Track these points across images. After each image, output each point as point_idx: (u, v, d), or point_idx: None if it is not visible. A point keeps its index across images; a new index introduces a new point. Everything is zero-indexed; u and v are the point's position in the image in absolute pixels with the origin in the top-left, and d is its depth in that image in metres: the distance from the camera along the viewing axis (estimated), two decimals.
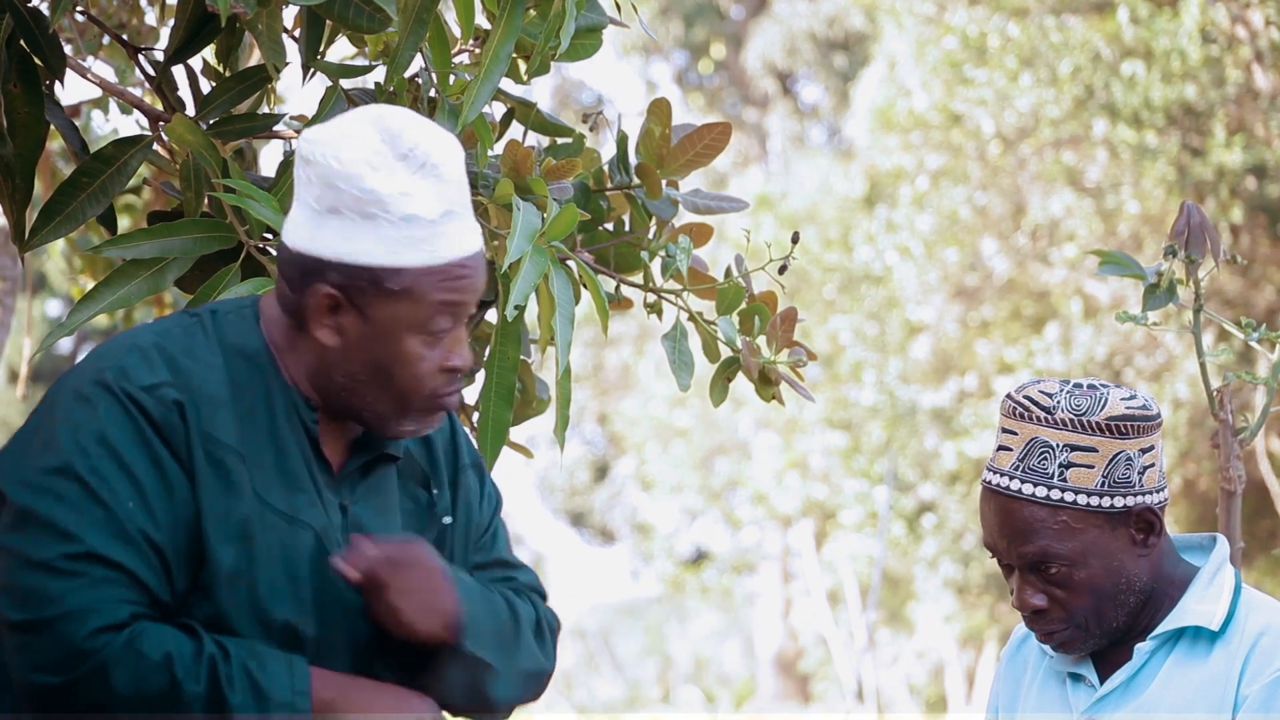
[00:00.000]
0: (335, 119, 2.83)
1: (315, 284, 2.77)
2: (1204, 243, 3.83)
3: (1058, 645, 3.19)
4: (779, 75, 28.79)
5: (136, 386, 2.74)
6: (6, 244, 5.53)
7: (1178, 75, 15.15)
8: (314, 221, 2.77)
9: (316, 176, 2.76)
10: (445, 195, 2.78)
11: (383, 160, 2.75)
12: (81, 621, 2.65)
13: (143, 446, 2.73)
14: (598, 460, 31.14)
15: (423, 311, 2.78)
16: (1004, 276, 17.60)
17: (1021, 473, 3.12)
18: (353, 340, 2.80)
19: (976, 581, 18.66)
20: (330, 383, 2.84)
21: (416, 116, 2.82)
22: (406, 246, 2.75)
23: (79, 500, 2.69)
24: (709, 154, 3.88)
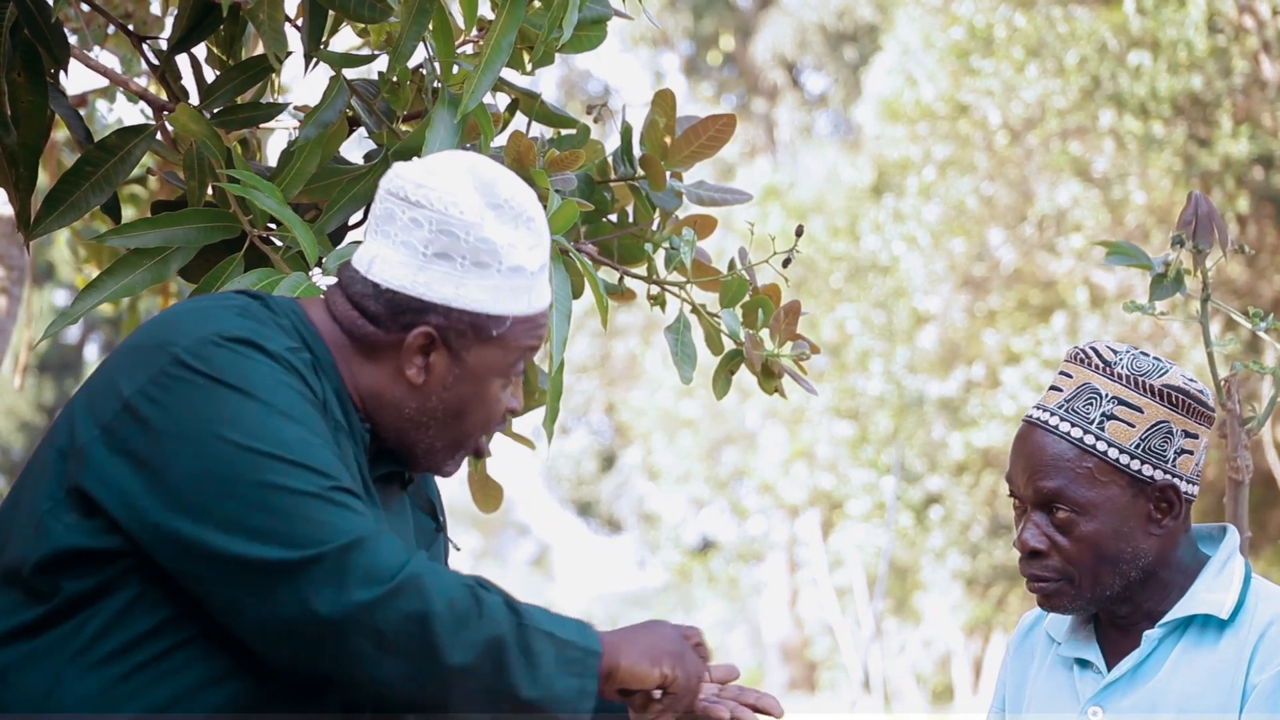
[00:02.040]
0: (429, 161, 2.86)
1: (414, 324, 2.82)
2: (1211, 232, 3.82)
3: (1045, 597, 3.19)
4: (787, 66, 28.79)
5: (283, 347, 2.76)
6: (12, 233, 5.53)
7: (1184, 65, 15.13)
8: (418, 264, 2.80)
9: (428, 220, 2.80)
10: (540, 251, 2.86)
11: (487, 211, 2.81)
12: (380, 538, 2.64)
13: (307, 401, 2.74)
14: (604, 450, 31.18)
15: (510, 357, 2.87)
16: (1011, 266, 17.60)
17: (1064, 411, 3.14)
18: (439, 380, 2.85)
19: (984, 572, 18.67)
20: (395, 414, 2.88)
21: (502, 167, 2.88)
22: (510, 296, 2.82)
23: (302, 437, 2.68)
24: (714, 145, 3.87)
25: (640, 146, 3.88)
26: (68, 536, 2.69)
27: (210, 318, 2.77)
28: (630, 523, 30.76)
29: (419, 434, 2.89)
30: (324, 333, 2.88)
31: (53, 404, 28.46)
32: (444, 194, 2.80)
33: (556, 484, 31.64)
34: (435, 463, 2.94)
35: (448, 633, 2.64)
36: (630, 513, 30.50)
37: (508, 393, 2.91)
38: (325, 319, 2.89)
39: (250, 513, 2.63)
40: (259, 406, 2.68)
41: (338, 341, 2.87)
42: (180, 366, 2.71)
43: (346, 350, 2.87)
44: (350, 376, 2.87)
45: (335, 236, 3.71)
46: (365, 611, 2.62)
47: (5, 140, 3.67)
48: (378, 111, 3.78)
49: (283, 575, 2.62)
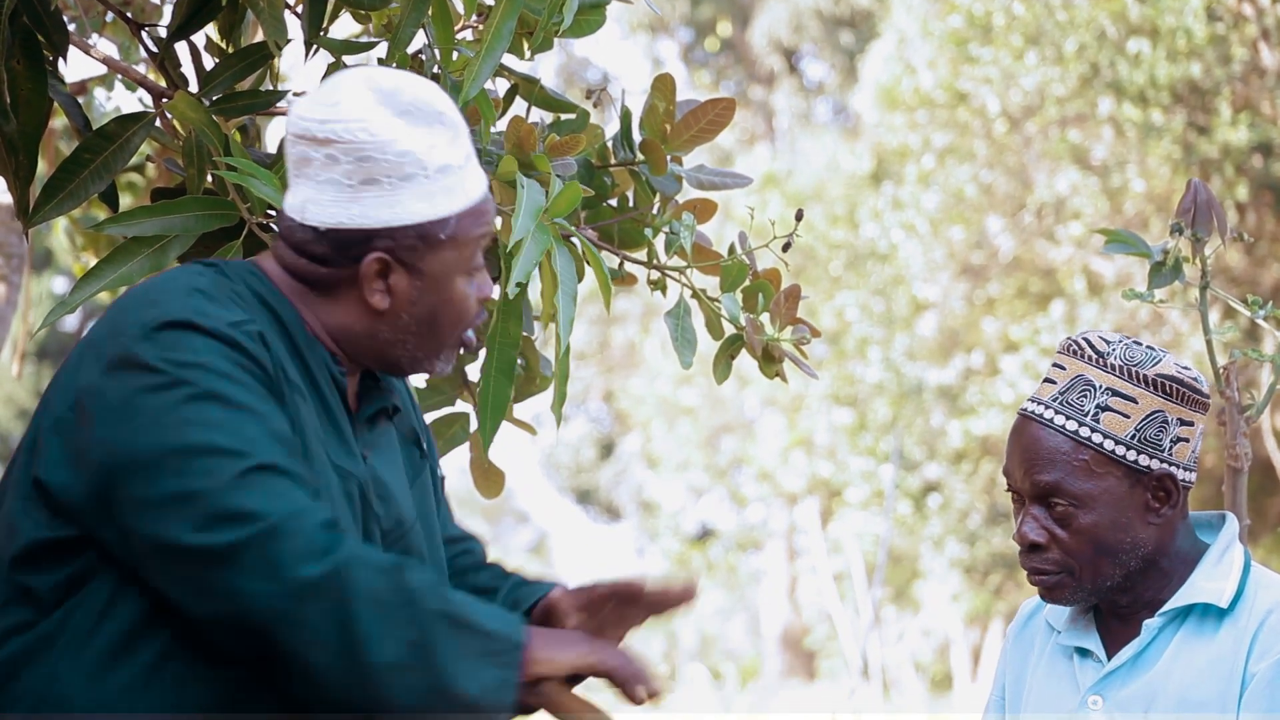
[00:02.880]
0: (322, 90, 2.84)
1: (363, 254, 2.81)
2: (1210, 220, 3.82)
3: (1046, 589, 3.19)
4: (785, 52, 28.77)
5: (225, 323, 2.73)
6: (11, 220, 5.53)
7: (1183, 53, 15.12)
8: (347, 197, 2.80)
9: (344, 153, 2.78)
10: (461, 140, 2.85)
11: (397, 122, 2.79)
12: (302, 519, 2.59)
13: (249, 375, 2.71)
14: (603, 438, 31.18)
15: (466, 252, 2.86)
16: (1009, 254, 17.60)
17: (1058, 404, 3.14)
18: (404, 298, 2.85)
19: (982, 560, 18.68)
20: (371, 340, 2.88)
21: (397, 72, 2.86)
22: (446, 196, 2.82)
23: (228, 418, 2.64)
24: (713, 129, 3.87)
25: (640, 131, 3.88)
26: (36, 530, 2.69)
27: (157, 301, 2.75)
28: (629, 510, 30.78)
29: (399, 350, 2.88)
30: (281, 285, 2.87)
31: None
32: (350, 122, 2.78)
33: (555, 471, 31.64)
34: (425, 367, 2.93)
35: (370, 624, 2.59)
36: (629, 500, 30.51)
37: (474, 285, 2.89)
38: (278, 271, 2.88)
39: (168, 502, 2.60)
40: (187, 391, 2.65)
41: (296, 289, 2.87)
42: (121, 358, 2.70)
43: (306, 296, 2.87)
44: (317, 322, 2.87)
45: None
46: (288, 598, 2.58)
47: (4, 128, 3.67)
48: None
49: (206, 564, 2.59)
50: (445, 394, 4.11)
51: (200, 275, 2.83)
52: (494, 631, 2.65)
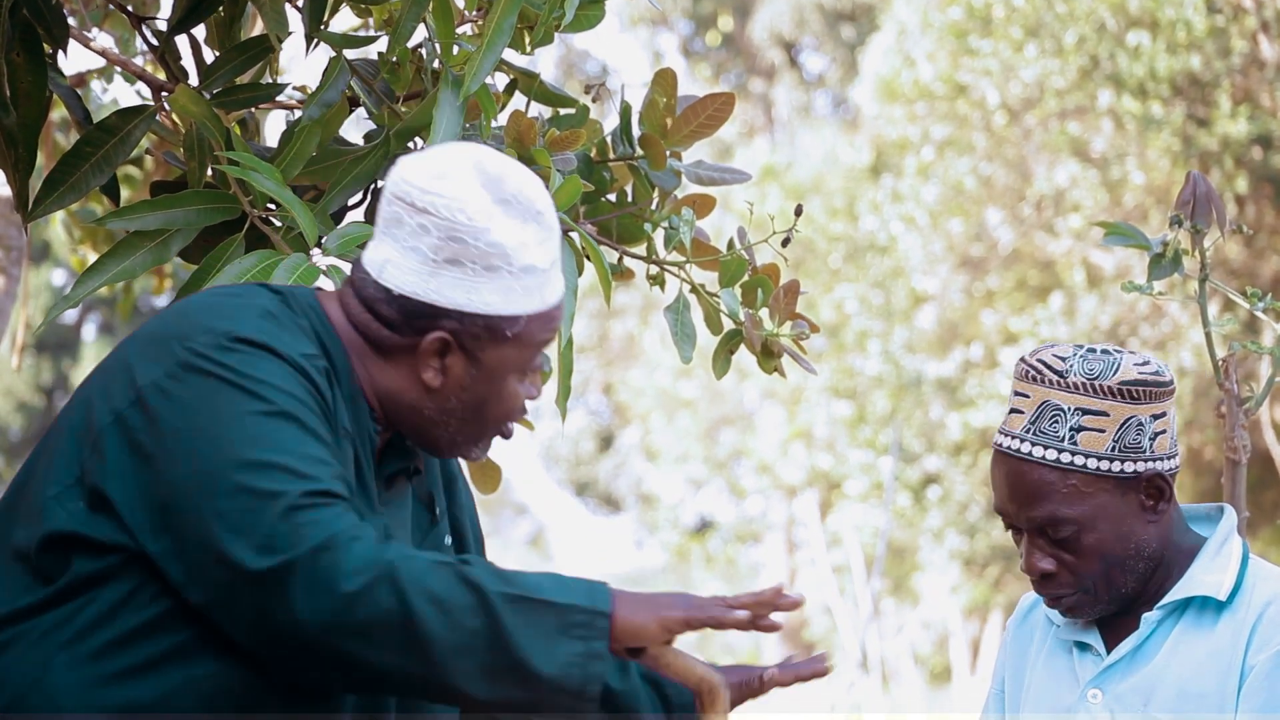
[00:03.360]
0: (433, 161, 2.83)
1: (428, 329, 2.82)
2: (1209, 212, 3.82)
3: (1066, 610, 3.19)
4: (785, 46, 28.77)
5: (298, 353, 2.75)
6: (10, 213, 5.53)
7: (1183, 45, 15.12)
8: (429, 270, 2.80)
9: (435, 227, 2.78)
10: (552, 244, 2.86)
11: (496, 210, 2.80)
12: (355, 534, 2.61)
13: (318, 407, 2.73)
14: (603, 430, 31.18)
15: (527, 354, 2.87)
16: (1009, 246, 17.60)
17: (1033, 435, 3.13)
18: (456, 382, 2.85)
19: (982, 552, 18.69)
20: (414, 414, 2.88)
21: (507, 158, 2.87)
22: (523, 296, 2.82)
23: (297, 441, 2.66)
24: (713, 125, 3.87)
25: (640, 126, 3.88)
26: (70, 521, 2.68)
27: (230, 315, 2.77)
28: (628, 503, 30.78)
29: (439, 431, 2.89)
30: (340, 332, 2.87)
31: (50, 384, 28.45)
32: (450, 199, 2.79)
33: (554, 464, 31.64)
34: (459, 452, 2.94)
35: (431, 618, 2.60)
36: (628, 493, 30.51)
37: (526, 385, 2.91)
38: (341, 318, 2.89)
39: (230, 516, 2.61)
40: (260, 407, 2.67)
41: (353, 341, 2.87)
42: (193, 363, 2.70)
43: (362, 350, 2.87)
44: (367, 377, 2.88)
45: (337, 218, 3.70)
46: (344, 610, 2.59)
47: (4, 120, 3.67)
48: (378, 91, 3.78)
49: (261, 582, 2.60)
50: None
51: (270, 299, 2.84)
52: (570, 605, 2.65)
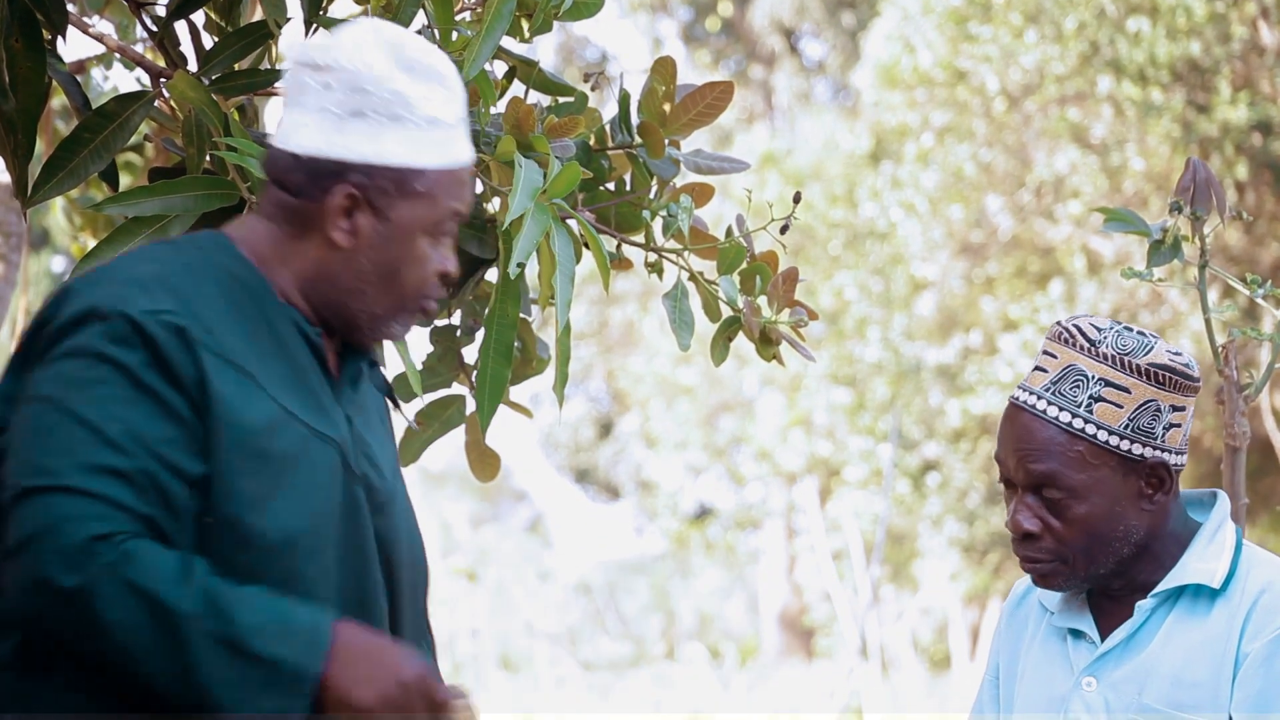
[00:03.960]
0: (335, 30, 2.87)
1: (334, 186, 2.82)
2: (1209, 199, 3.82)
3: (1039, 577, 3.19)
4: (785, 32, 28.74)
5: (138, 311, 2.72)
6: (10, 200, 5.52)
7: (1183, 31, 15.11)
8: (333, 125, 2.82)
9: (339, 81, 2.81)
10: (456, 104, 2.88)
11: (397, 69, 2.83)
12: (55, 538, 2.59)
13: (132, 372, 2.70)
14: (602, 417, 31.18)
15: (436, 214, 2.86)
16: (1009, 233, 17.59)
17: (1050, 394, 3.14)
18: (366, 241, 2.85)
19: (981, 539, 18.69)
20: (331, 286, 2.87)
21: (408, 31, 2.91)
22: (429, 148, 2.84)
23: (59, 431, 2.65)
24: (711, 113, 3.87)
25: (638, 114, 3.88)
26: None
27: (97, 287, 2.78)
28: (628, 489, 30.78)
29: (357, 302, 2.88)
30: (251, 247, 2.88)
31: None
32: (352, 53, 2.81)
33: (554, 451, 31.64)
34: (380, 329, 2.92)
35: (127, 641, 2.59)
36: (628, 480, 30.51)
37: (439, 254, 2.90)
38: (252, 227, 2.90)
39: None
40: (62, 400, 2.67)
41: (268, 241, 2.87)
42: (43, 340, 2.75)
43: (280, 244, 2.87)
44: (288, 281, 2.87)
45: None
46: (38, 610, 2.61)
47: (3, 107, 3.67)
48: None
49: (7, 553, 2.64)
50: (442, 376, 4.11)
51: (159, 255, 2.85)
52: (279, 660, 2.61)
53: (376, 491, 2.90)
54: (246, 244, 2.89)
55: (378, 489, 2.91)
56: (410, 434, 4.08)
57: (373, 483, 2.90)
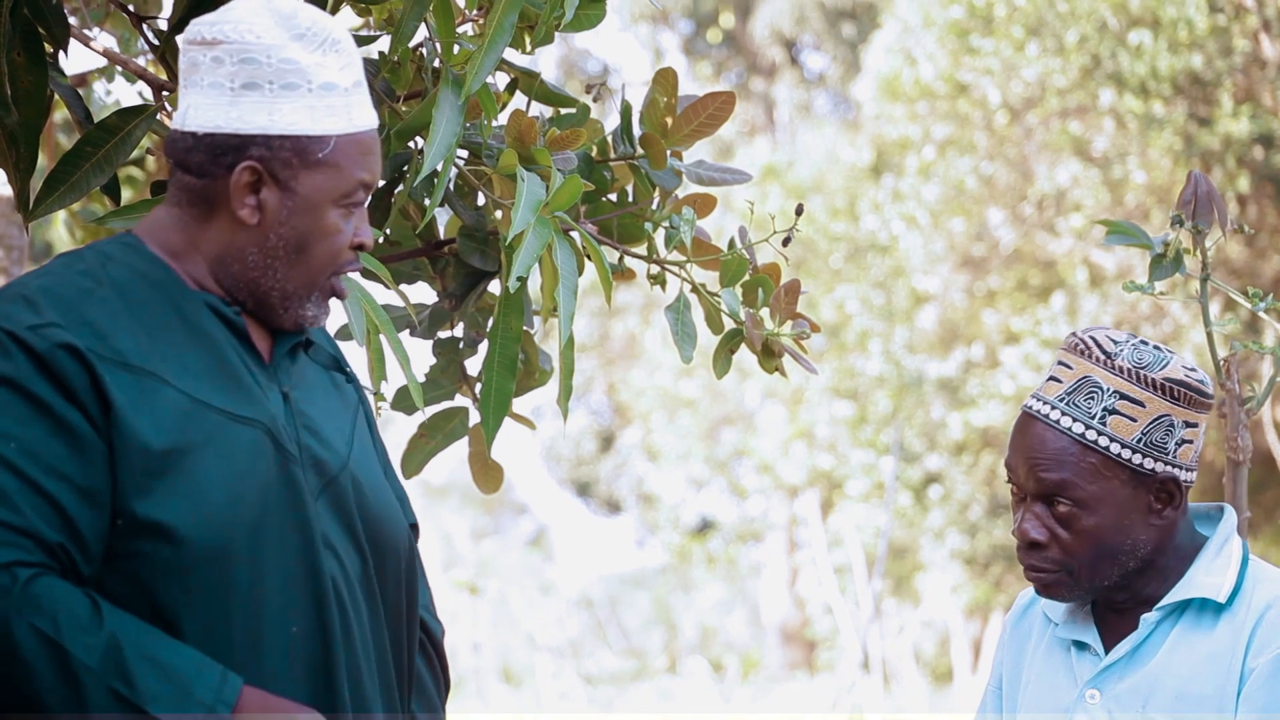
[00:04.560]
0: (223, 8, 2.84)
1: (236, 162, 2.79)
2: (1211, 212, 3.82)
3: (1043, 587, 3.18)
4: (786, 44, 28.76)
5: (19, 325, 2.69)
6: (11, 213, 5.52)
7: (1185, 44, 15.12)
8: (228, 100, 2.78)
9: (229, 54, 2.78)
10: (352, 66, 2.83)
11: (288, 39, 2.79)
12: None
13: (21, 390, 2.67)
14: (603, 430, 31.17)
15: (343, 183, 2.82)
16: (1010, 246, 17.59)
17: (1064, 405, 3.13)
18: (273, 216, 2.81)
19: (983, 552, 18.68)
20: (241, 265, 2.84)
21: (301, 2, 2.85)
22: (327, 115, 2.80)
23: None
24: (713, 124, 3.87)
25: (640, 125, 3.87)
26: None
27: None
28: (629, 503, 30.77)
29: (269, 280, 2.84)
30: (158, 239, 2.85)
31: None
32: (240, 25, 2.78)
33: (556, 464, 31.63)
34: (296, 310, 2.87)
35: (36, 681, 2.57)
36: (629, 493, 30.50)
37: (351, 225, 2.86)
38: (158, 218, 2.87)
39: None
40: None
41: (176, 228, 2.84)
42: None
43: (188, 229, 2.84)
44: (195, 266, 2.84)
45: None
46: None
47: (5, 120, 3.67)
48: (378, 90, 3.77)
49: None
50: (445, 388, 4.10)
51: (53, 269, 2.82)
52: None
53: (324, 464, 2.86)
54: (154, 237, 2.86)
55: (325, 461, 2.86)
56: (413, 446, 4.08)
57: (317, 454, 2.85)
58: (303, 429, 2.85)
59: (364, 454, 2.97)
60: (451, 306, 4.00)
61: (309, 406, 2.89)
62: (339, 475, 2.87)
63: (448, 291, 4.00)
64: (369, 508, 2.92)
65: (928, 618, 23.49)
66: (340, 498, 2.87)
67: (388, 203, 3.86)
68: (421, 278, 4.05)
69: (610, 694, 24.23)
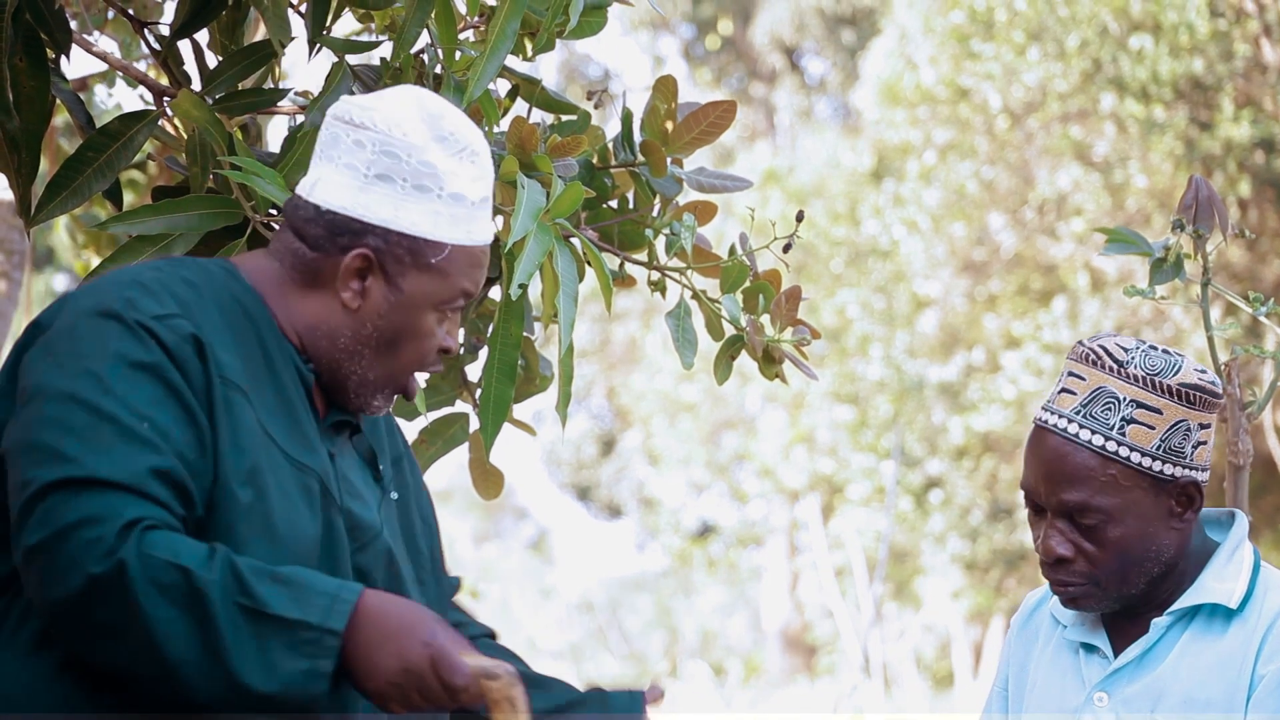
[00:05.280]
0: (377, 94, 2.88)
1: (351, 245, 2.82)
2: (1212, 217, 3.82)
3: (1070, 599, 3.18)
4: (786, 50, 28.76)
5: (148, 315, 2.73)
6: (13, 217, 5.53)
7: (1186, 49, 15.11)
8: (359, 185, 2.82)
9: (371, 142, 2.82)
10: (484, 181, 2.88)
11: (431, 140, 2.83)
12: (89, 528, 2.58)
13: (157, 371, 2.70)
14: (604, 434, 31.16)
15: (447, 291, 2.86)
16: (1011, 251, 17.59)
17: (1082, 418, 3.12)
18: (374, 306, 2.86)
19: (984, 557, 18.68)
20: (330, 344, 2.88)
21: (448, 103, 2.90)
22: (449, 224, 2.84)
23: (85, 426, 2.64)
24: (714, 132, 3.87)
25: (641, 132, 3.88)
26: None
27: (103, 291, 2.78)
28: (630, 507, 30.75)
29: (352, 364, 2.88)
30: (258, 282, 2.88)
31: None
32: (388, 117, 2.82)
33: (556, 468, 31.61)
34: (366, 397, 2.91)
35: (153, 625, 2.58)
36: (630, 497, 30.49)
37: (443, 330, 2.90)
38: (261, 264, 2.90)
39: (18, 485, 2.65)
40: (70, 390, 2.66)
41: (275, 287, 2.88)
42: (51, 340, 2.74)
43: (286, 287, 2.88)
44: (288, 317, 2.87)
45: None
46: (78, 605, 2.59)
47: (7, 125, 3.67)
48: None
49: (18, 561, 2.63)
50: (445, 394, 4.11)
51: (156, 270, 2.85)
52: (299, 620, 2.60)
53: (361, 527, 2.90)
54: (253, 276, 2.90)
55: (363, 524, 2.90)
56: (414, 450, 4.09)
57: (357, 517, 2.90)
58: (345, 493, 2.90)
59: (393, 535, 3.01)
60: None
61: (350, 474, 2.94)
62: (372, 543, 2.92)
63: None
64: (395, 583, 2.96)
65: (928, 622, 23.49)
66: (372, 564, 2.92)
67: None
68: None
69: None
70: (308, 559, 2.79)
